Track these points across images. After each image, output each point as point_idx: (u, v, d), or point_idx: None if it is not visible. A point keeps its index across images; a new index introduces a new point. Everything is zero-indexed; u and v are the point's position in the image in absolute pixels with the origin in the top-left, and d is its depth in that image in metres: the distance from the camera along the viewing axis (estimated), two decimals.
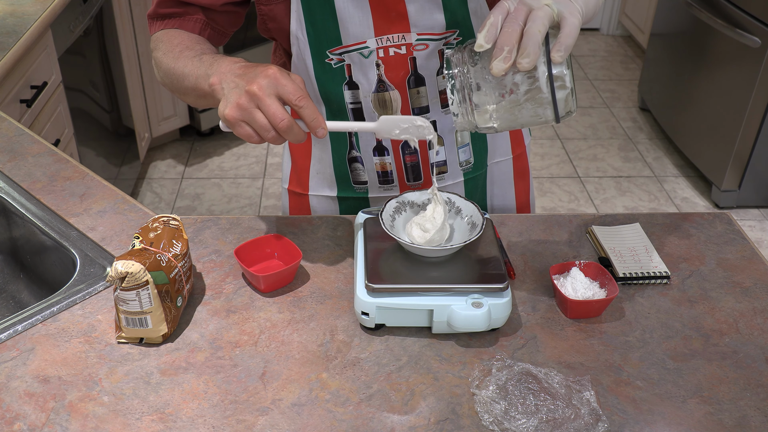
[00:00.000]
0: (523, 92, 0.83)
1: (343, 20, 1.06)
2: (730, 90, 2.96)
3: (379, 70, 1.10)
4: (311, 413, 0.87)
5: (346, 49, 1.09)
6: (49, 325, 0.98)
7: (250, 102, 0.88)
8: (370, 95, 1.13)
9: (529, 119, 0.86)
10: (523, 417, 0.85)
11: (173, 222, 1.00)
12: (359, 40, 1.08)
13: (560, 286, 1.03)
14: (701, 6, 3.08)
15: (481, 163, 1.25)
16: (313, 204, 1.29)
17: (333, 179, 1.25)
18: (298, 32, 1.08)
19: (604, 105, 3.93)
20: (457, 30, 1.09)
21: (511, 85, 0.83)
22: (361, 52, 1.09)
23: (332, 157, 1.22)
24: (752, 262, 1.13)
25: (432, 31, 1.08)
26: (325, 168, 1.24)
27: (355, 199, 1.26)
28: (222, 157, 3.39)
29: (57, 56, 2.19)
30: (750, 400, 0.90)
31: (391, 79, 1.11)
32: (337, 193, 1.26)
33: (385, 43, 1.08)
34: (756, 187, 3.06)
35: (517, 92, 0.83)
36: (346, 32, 1.07)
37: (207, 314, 1.01)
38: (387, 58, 1.10)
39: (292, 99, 0.88)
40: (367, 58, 1.09)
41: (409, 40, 1.08)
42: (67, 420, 0.85)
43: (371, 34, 1.08)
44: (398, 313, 0.96)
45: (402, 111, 1.14)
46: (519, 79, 0.83)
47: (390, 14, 1.06)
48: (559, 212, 3.01)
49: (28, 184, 1.25)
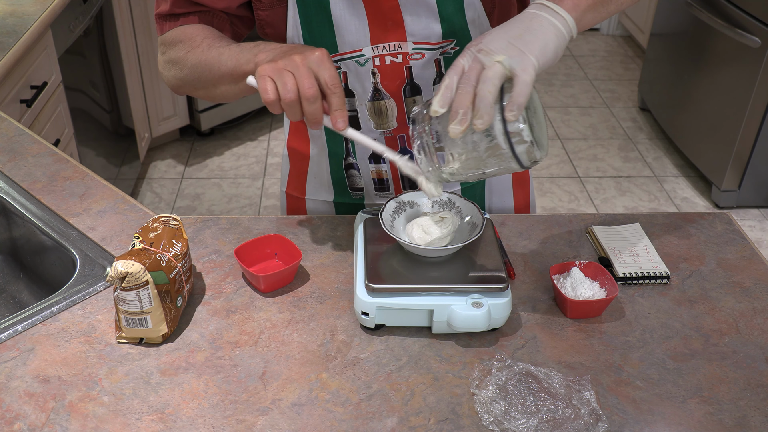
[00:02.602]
0: (483, 149, 0.85)
1: (340, 28, 1.06)
2: (730, 90, 2.96)
3: (375, 79, 1.10)
4: (311, 413, 0.87)
5: (342, 56, 1.08)
6: (49, 325, 0.98)
7: (287, 65, 0.89)
8: (366, 103, 1.12)
9: (497, 170, 0.88)
10: (523, 417, 0.85)
11: (173, 222, 1.00)
12: (355, 48, 1.07)
13: (560, 286, 1.03)
14: (701, 6, 3.08)
15: None
16: (310, 208, 1.29)
17: (330, 184, 1.25)
18: (295, 38, 1.08)
19: (604, 105, 3.93)
20: (455, 40, 1.08)
21: (471, 143, 0.85)
22: (357, 60, 1.08)
23: (329, 162, 1.22)
24: (752, 262, 1.13)
25: (428, 40, 1.07)
26: (323, 173, 1.24)
27: (351, 205, 1.26)
28: (222, 157, 3.39)
29: (57, 56, 2.19)
30: (750, 400, 0.90)
31: (386, 88, 1.11)
32: (334, 199, 1.26)
33: (381, 52, 1.08)
34: (756, 187, 3.06)
35: (478, 149, 0.85)
36: (342, 40, 1.07)
37: (207, 314, 1.01)
38: (383, 66, 1.09)
39: (329, 82, 0.89)
40: (363, 66, 1.09)
41: (405, 49, 1.08)
42: (67, 420, 0.85)
43: (367, 42, 1.07)
44: (398, 313, 0.96)
45: (398, 120, 1.14)
46: (477, 137, 0.84)
47: (386, 23, 1.06)
48: (559, 212, 3.01)
49: (28, 184, 1.25)
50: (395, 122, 1.14)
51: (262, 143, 3.50)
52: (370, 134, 1.15)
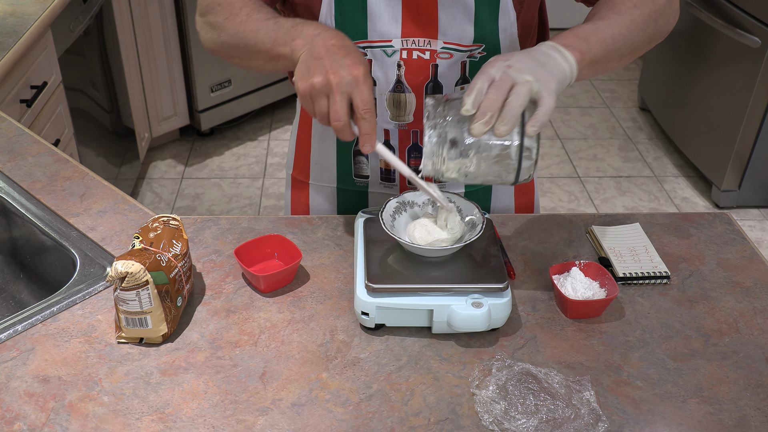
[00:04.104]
0: (493, 155, 0.89)
1: (373, 16, 1.06)
2: (730, 90, 2.96)
3: (399, 71, 1.11)
4: (311, 413, 0.87)
5: (371, 44, 1.09)
6: (49, 325, 0.98)
7: (323, 88, 0.90)
8: (386, 93, 1.13)
9: (490, 178, 0.92)
10: (523, 417, 0.85)
11: (173, 222, 1.00)
12: (385, 38, 1.08)
13: (560, 286, 1.03)
14: (701, 6, 3.08)
15: None
16: (313, 193, 1.29)
17: (333, 170, 1.25)
18: (327, 19, 1.08)
19: (604, 105, 3.93)
20: (483, 44, 1.09)
21: (485, 146, 0.89)
22: (385, 50, 1.09)
23: (336, 148, 1.22)
24: (752, 262, 1.13)
25: (459, 42, 1.08)
26: (325, 159, 1.24)
27: (354, 192, 1.26)
28: (222, 157, 3.39)
29: (57, 56, 2.19)
30: (750, 400, 0.90)
31: (409, 82, 1.11)
32: (337, 185, 1.26)
33: (410, 46, 1.09)
34: (756, 187, 3.06)
35: (489, 153, 0.89)
36: (373, 28, 1.07)
37: (207, 314, 1.01)
38: (409, 60, 1.10)
39: (360, 108, 0.90)
40: (389, 57, 1.10)
41: (434, 47, 1.08)
42: (67, 420, 0.85)
43: (398, 35, 1.08)
44: (398, 313, 0.96)
45: (415, 114, 1.14)
46: (493, 142, 0.89)
47: (420, 18, 1.07)
48: (559, 212, 3.01)
49: (28, 184, 1.25)
50: (412, 116, 1.15)
51: (262, 143, 3.50)
52: (384, 125, 1.16)
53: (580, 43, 0.94)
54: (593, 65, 0.95)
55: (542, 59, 0.90)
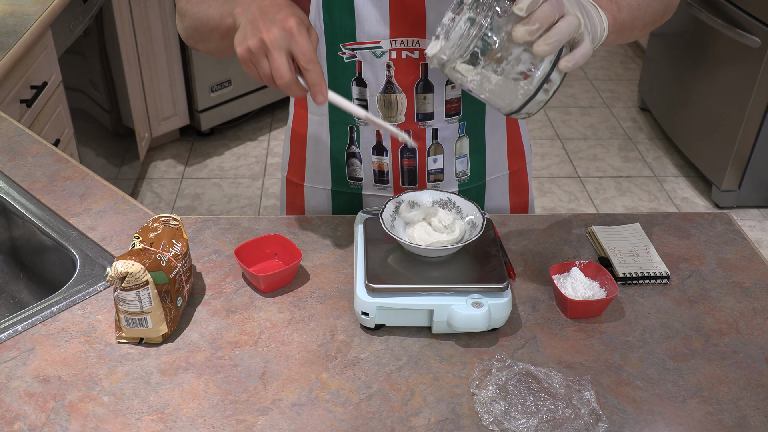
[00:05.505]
0: (516, 71, 0.83)
1: (360, 17, 1.06)
2: (730, 90, 2.96)
3: (389, 72, 1.10)
4: (311, 413, 0.87)
5: (360, 46, 1.09)
6: (49, 325, 0.98)
7: (260, 49, 0.87)
8: (377, 95, 1.13)
9: (494, 97, 0.86)
10: (523, 417, 0.85)
11: (173, 222, 1.00)
12: (373, 39, 1.08)
13: (560, 286, 1.03)
14: (701, 6, 3.08)
15: (478, 176, 1.25)
16: (308, 195, 1.29)
17: (328, 173, 1.25)
18: (316, 21, 1.08)
19: (604, 105, 3.93)
20: None
21: (513, 58, 0.83)
22: (374, 51, 1.09)
23: (330, 149, 1.22)
24: (752, 262, 1.13)
25: None
26: (319, 161, 1.24)
27: (349, 194, 1.26)
28: (222, 157, 3.39)
29: (57, 56, 2.19)
30: (750, 400, 0.90)
31: (399, 82, 1.11)
32: (331, 187, 1.26)
33: (398, 46, 1.08)
34: (756, 187, 3.06)
35: (513, 68, 0.83)
36: (361, 29, 1.07)
37: (207, 314, 1.01)
38: (399, 60, 1.10)
39: (301, 59, 0.87)
40: (379, 58, 1.09)
41: (423, 46, 1.08)
42: (67, 420, 0.85)
43: (386, 35, 1.08)
44: (398, 313, 0.96)
45: (406, 114, 1.14)
46: (524, 58, 0.83)
47: (408, 18, 1.06)
48: (559, 212, 3.01)
49: (28, 184, 1.25)
50: (403, 116, 1.14)
51: (262, 143, 3.50)
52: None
53: (612, 6, 0.93)
54: (620, 32, 0.93)
55: (587, 10, 0.88)
